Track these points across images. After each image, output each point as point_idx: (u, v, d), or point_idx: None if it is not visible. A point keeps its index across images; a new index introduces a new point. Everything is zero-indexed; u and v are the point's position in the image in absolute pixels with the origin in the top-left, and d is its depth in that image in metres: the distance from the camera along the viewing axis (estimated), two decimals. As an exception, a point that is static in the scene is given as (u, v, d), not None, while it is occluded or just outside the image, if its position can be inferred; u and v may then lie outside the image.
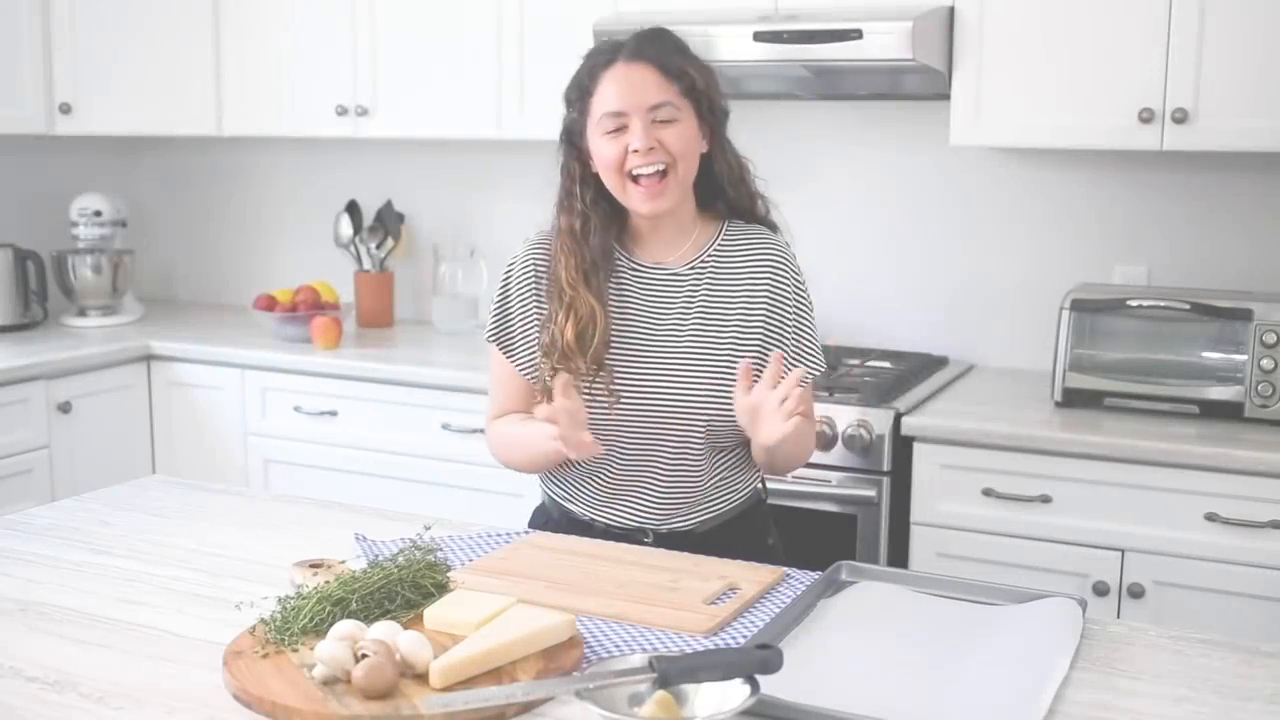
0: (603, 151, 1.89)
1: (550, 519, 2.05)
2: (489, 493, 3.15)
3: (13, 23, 3.54)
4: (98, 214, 3.86)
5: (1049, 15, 2.77)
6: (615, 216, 1.97)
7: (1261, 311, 2.62)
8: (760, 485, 2.08)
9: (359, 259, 3.82)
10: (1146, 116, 2.70)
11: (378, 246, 3.80)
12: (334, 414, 3.34)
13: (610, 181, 1.91)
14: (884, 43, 2.75)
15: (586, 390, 1.88)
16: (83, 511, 2.02)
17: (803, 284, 2.00)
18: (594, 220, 1.94)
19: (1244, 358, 2.63)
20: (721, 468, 1.96)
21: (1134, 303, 2.75)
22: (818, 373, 2.00)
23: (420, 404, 3.22)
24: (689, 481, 1.93)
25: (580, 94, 1.92)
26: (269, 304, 3.60)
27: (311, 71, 3.59)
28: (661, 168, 1.87)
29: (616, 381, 1.90)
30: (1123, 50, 2.72)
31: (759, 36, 2.86)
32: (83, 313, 3.86)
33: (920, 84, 3.08)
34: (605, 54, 1.92)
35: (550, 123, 3.32)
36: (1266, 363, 2.60)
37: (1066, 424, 2.64)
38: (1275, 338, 2.59)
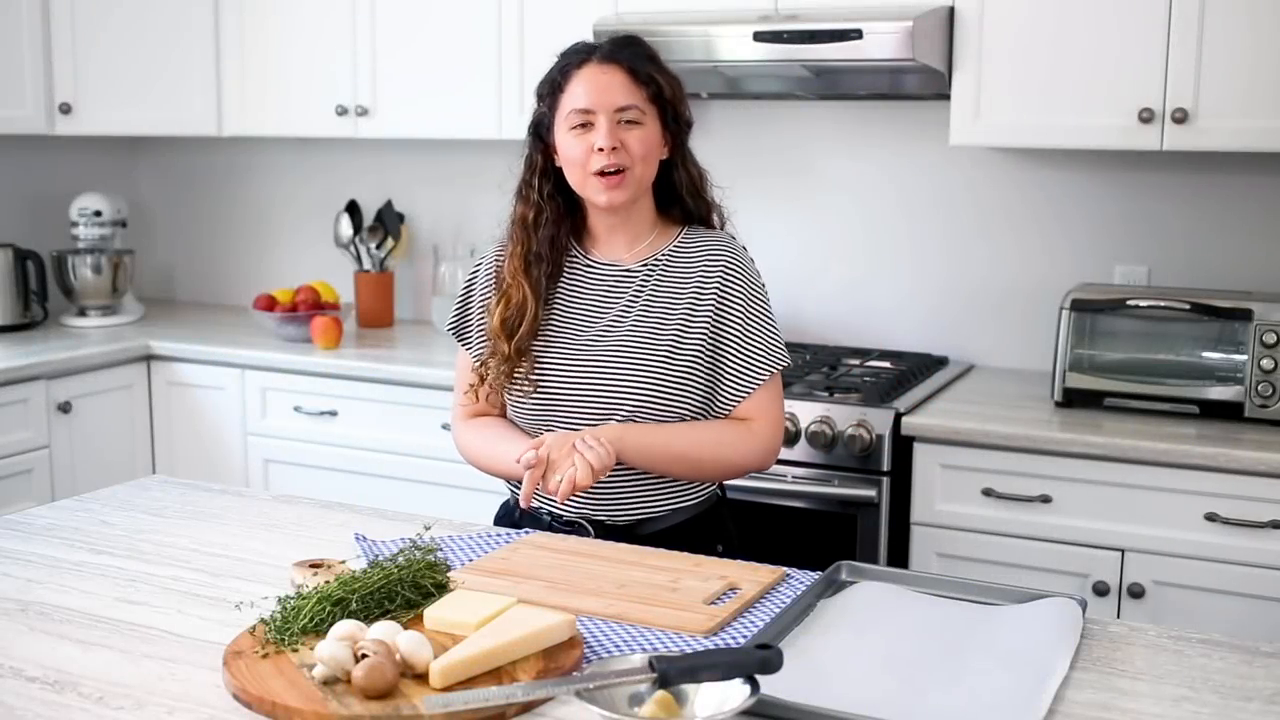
0: (568, 146, 1.95)
1: (509, 511, 2.10)
2: (489, 493, 3.13)
3: (13, 23, 3.54)
4: (98, 214, 3.86)
5: (1049, 15, 2.77)
6: (569, 213, 2.03)
7: (1261, 311, 2.62)
8: (718, 490, 2.09)
9: (359, 259, 3.82)
10: (1146, 116, 2.70)
11: (378, 246, 3.80)
12: (334, 414, 3.34)
13: (572, 175, 1.96)
14: (884, 43, 2.75)
15: (511, 375, 1.97)
16: (83, 511, 2.02)
17: (757, 287, 2.02)
18: (547, 212, 2.00)
19: (1244, 358, 2.63)
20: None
21: (1134, 303, 2.75)
22: (772, 370, 2.00)
23: (420, 404, 3.22)
24: (624, 472, 1.94)
25: (551, 90, 1.99)
26: (269, 304, 3.60)
27: (311, 71, 3.59)
28: (621, 168, 1.92)
29: (547, 370, 1.96)
30: (1123, 50, 2.72)
31: (759, 36, 2.86)
32: (83, 313, 3.86)
33: (920, 84, 3.08)
34: (579, 54, 1.98)
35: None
36: (1266, 363, 2.60)
37: (1066, 424, 2.64)
38: (1275, 338, 2.60)
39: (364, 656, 1.32)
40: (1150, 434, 2.55)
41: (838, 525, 2.72)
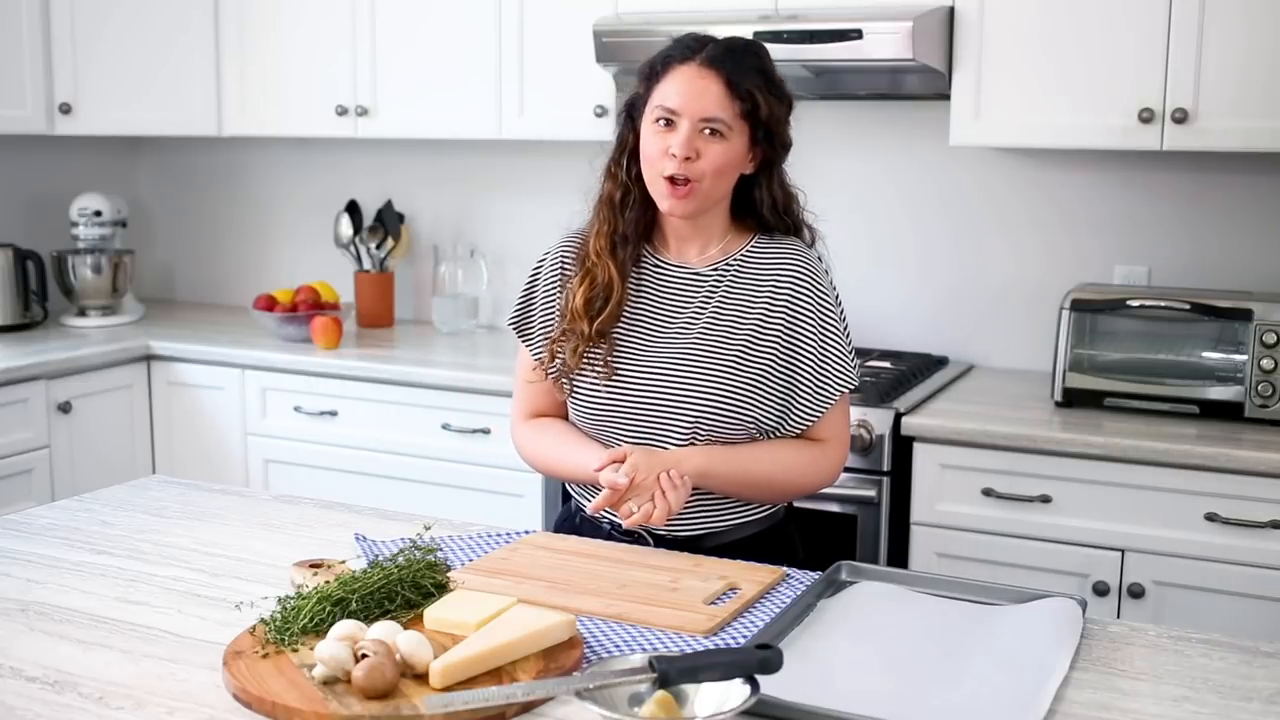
0: (647, 139, 1.89)
1: (570, 515, 2.05)
2: (489, 493, 3.15)
3: (13, 23, 3.54)
4: (98, 214, 3.86)
5: (1049, 15, 2.77)
6: (651, 202, 1.96)
7: (1261, 311, 2.62)
8: (785, 505, 2.04)
9: (359, 259, 3.82)
10: (1146, 116, 2.70)
11: (378, 246, 3.80)
12: (334, 414, 3.34)
13: (645, 170, 1.91)
14: (884, 43, 2.75)
15: (585, 361, 1.92)
16: (83, 511, 2.02)
17: (830, 299, 1.95)
18: (634, 194, 1.95)
19: (1244, 358, 2.63)
20: None
21: (1134, 303, 2.75)
22: (845, 390, 1.94)
23: (420, 404, 3.22)
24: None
25: (649, 76, 1.93)
26: (269, 304, 3.60)
27: (311, 71, 3.59)
28: (690, 178, 1.86)
29: (619, 363, 1.91)
30: (1123, 50, 2.72)
31: (759, 36, 2.85)
32: (83, 313, 3.86)
33: (920, 84, 3.08)
34: (686, 48, 1.91)
35: (549, 123, 3.36)
36: (1266, 363, 2.60)
37: (1066, 424, 2.64)
38: (1275, 338, 2.60)
39: (364, 656, 1.32)
40: (1150, 434, 2.55)
41: (838, 525, 2.72)
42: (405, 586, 1.52)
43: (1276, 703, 1.36)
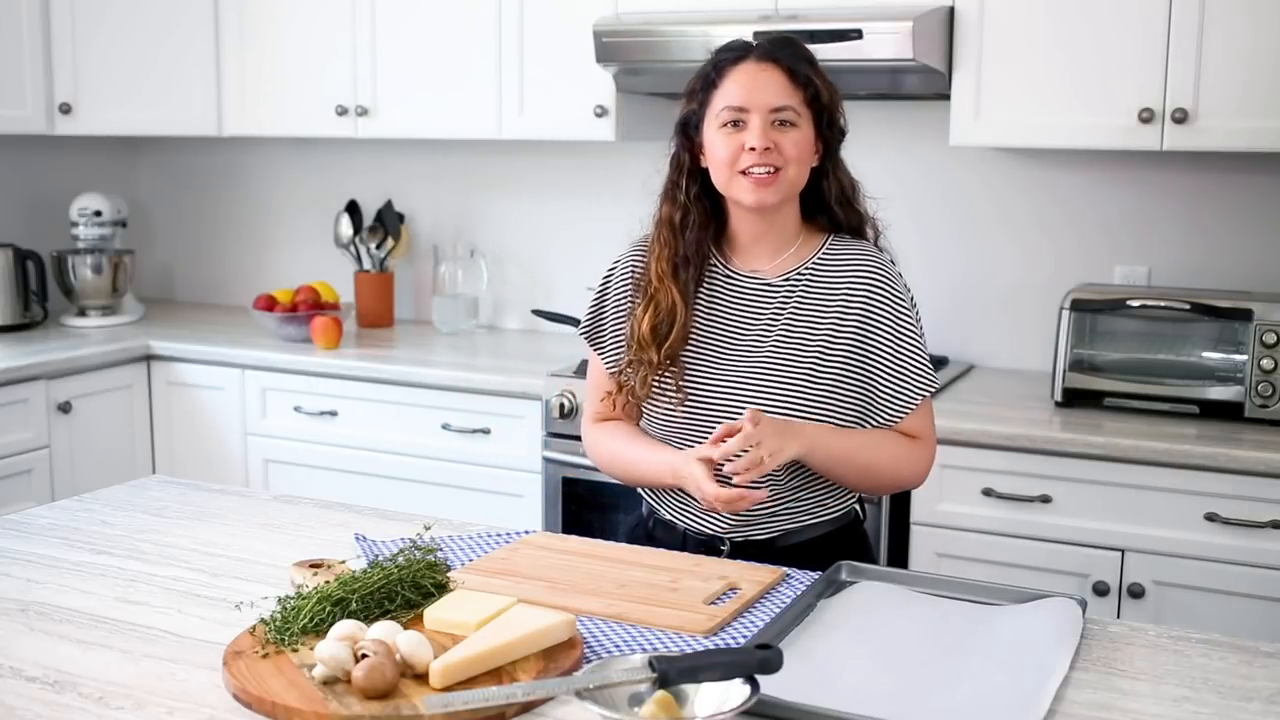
0: (717, 145, 1.88)
1: (642, 521, 2.04)
2: (489, 493, 3.15)
3: (13, 23, 3.54)
4: (98, 214, 3.86)
5: (1049, 15, 2.77)
6: (714, 217, 1.96)
7: (1261, 311, 2.62)
8: (858, 507, 2.02)
9: (359, 259, 3.83)
10: (1146, 116, 2.70)
11: (378, 246, 3.80)
12: (334, 414, 3.34)
13: (719, 175, 1.90)
14: (884, 43, 2.75)
15: (656, 384, 1.90)
16: (83, 511, 2.02)
17: (905, 303, 1.93)
18: (694, 215, 1.93)
19: (1244, 358, 2.63)
20: (804, 480, 1.90)
21: (1134, 303, 2.75)
22: (926, 393, 1.92)
23: (420, 404, 3.22)
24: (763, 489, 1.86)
25: (704, 85, 1.92)
26: (269, 304, 3.60)
27: (311, 71, 3.59)
28: (773, 169, 1.86)
29: (691, 383, 1.90)
30: (1123, 50, 2.72)
31: (759, 37, 2.84)
32: (83, 313, 3.86)
33: (920, 84, 3.07)
34: (735, 51, 1.92)
35: (549, 123, 3.36)
36: (1266, 363, 2.60)
37: (1066, 424, 2.64)
38: (1275, 338, 2.60)
39: (364, 656, 1.32)
40: (1150, 434, 2.55)
41: (838, 525, 2.72)
42: (405, 586, 1.52)
43: (1276, 703, 1.36)
